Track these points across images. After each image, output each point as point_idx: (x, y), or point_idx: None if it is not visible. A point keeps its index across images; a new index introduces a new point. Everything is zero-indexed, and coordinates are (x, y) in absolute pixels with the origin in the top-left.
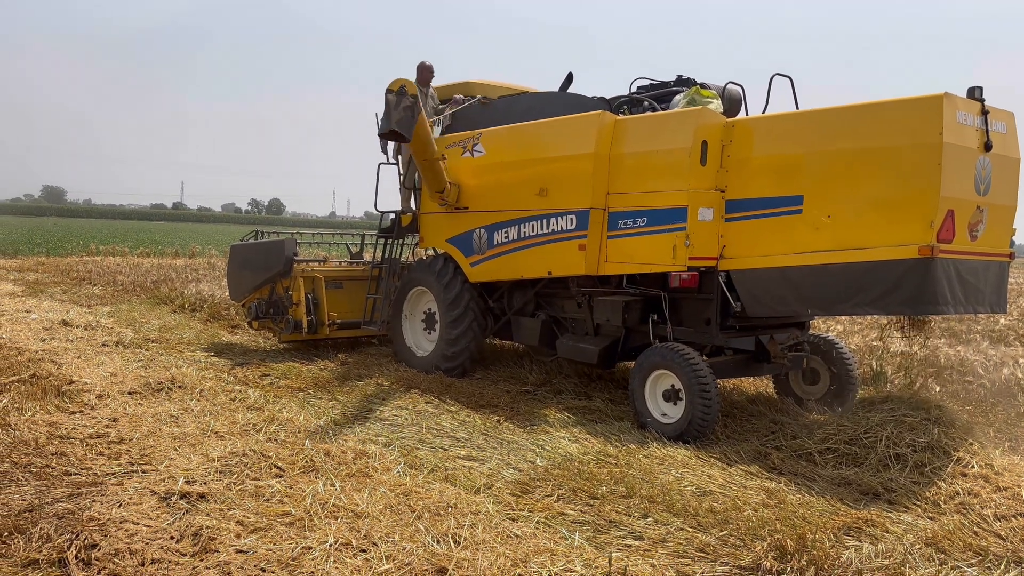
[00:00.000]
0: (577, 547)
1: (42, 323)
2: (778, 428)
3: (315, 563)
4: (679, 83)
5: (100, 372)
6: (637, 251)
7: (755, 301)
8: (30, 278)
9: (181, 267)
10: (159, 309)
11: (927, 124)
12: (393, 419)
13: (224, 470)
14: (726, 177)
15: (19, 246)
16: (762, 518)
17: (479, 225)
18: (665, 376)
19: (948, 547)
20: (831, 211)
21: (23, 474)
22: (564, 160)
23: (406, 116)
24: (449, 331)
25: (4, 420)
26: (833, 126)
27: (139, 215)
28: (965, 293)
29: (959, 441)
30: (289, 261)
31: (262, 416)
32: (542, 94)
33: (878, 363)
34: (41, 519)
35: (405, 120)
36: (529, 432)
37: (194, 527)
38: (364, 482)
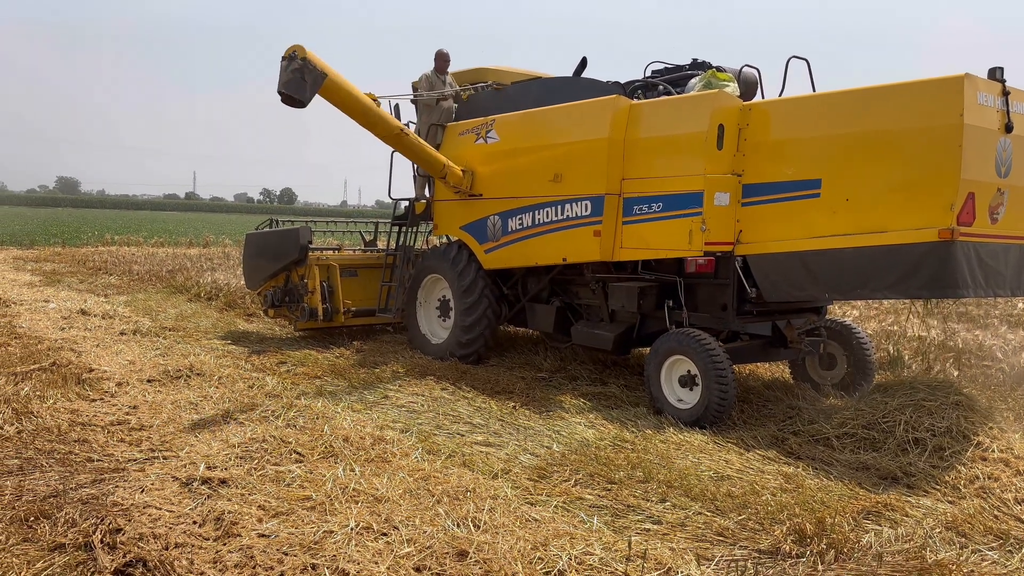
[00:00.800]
0: (596, 531)
1: (60, 312)
2: (795, 413)
3: (337, 546)
4: (694, 66)
5: (119, 360)
6: (652, 237)
7: (772, 286)
8: (47, 268)
9: (196, 256)
10: (175, 298)
11: (947, 105)
12: (410, 405)
13: (244, 456)
14: (743, 161)
15: (35, 237)
16: (780, 502)
17: (493, 212)
18: (681, 362)
19: (968, 531)
20: (849, 195)
21: (47, 460)
22: (578, 145)
23: (294, 78)
24: (464, 318)
25: (26, 408)
26: (851, 108)
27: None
28: (985, 276)
29: (978, 425)
30: (304, 249)
31: (280, 403)
32: (556, 79)
33: (895, 348)
34: (66, 504)
35: (292, 83)
36: (545, 418)
37: (216, 512)
38: (383, 467)
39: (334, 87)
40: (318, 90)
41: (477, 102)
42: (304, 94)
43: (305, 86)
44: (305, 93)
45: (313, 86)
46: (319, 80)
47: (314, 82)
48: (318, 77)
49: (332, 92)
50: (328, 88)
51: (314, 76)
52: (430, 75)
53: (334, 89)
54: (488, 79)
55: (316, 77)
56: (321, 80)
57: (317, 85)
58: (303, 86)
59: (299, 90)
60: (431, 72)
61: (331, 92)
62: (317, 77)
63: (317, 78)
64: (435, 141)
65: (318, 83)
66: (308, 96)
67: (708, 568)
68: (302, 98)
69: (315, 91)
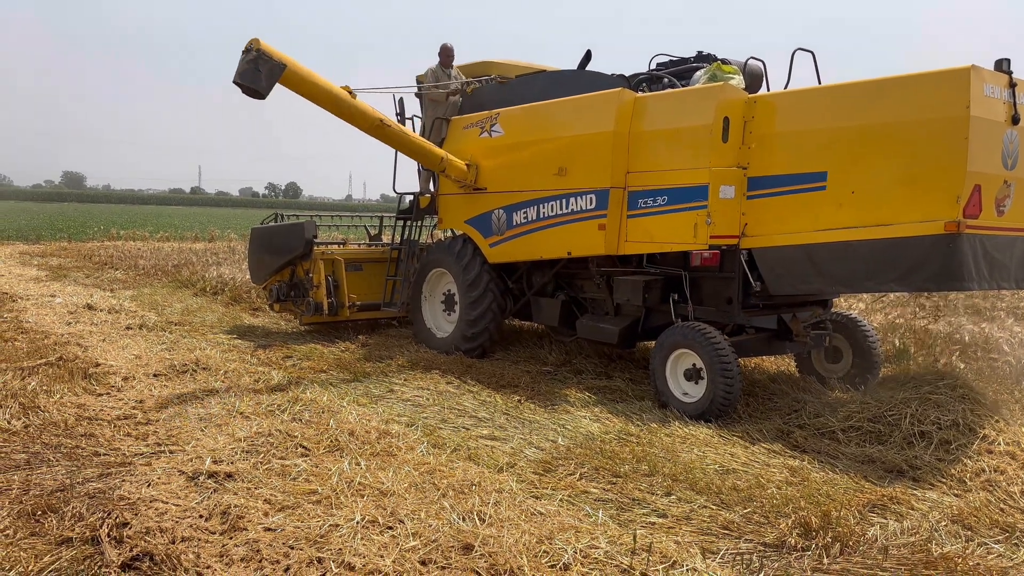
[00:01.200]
0: (601, 524)
1: (67, 307)
2: (801, 406)
3: (343, 540)
4: (699, 59)
5: (125, 355)
6: (657, 230)
7: (778, 279)
8: (53, 263)
9: (201, 251)
10: (181, 292)
11: (954, 97)
12: (415, 399)
13: (250, 450)
14: (748, 154)
15: (41, 231)
16: (786, 495)
17: (498, 206)
18: (686, 355)
19: (974, 524)
20: (855, 187)
21: (54, 455)
22: (583, 139)
23: (248, 69)
24: (469, 312)
25: (33, 402)
26: (857, 101)
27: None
28: (991, 269)
29: (985, 418)
30: (309, 243)
31: (286, 397)
32: (560, 72)
33: (901, 341)
34: (73, 498)
35: (247, 73)
36: (550, 412)
37: (223, 505)
38: (388, 461)
39: (296, 78)
40: (277, 80)
41: (481, 96)
42: (259, 83)
43: (260, 76)
44: (260, 83)
45: (270, 76)
46: (276, 70)
47: (270, 72)
48: (275, 67)
49: (295, 83)
50: (290, 79)
51: (270, 66)
52: (435, 69)
53: (297, 80)
54: (492, 72)
55: (272, 67)
56: (279, 70)
57: (274, 75)
58: (258, 76)
59: (254, 80)
60: (436, 67)
61: (294, 83)
62: (274, 67)
63: (274, 68)
64: (440, 135)
65: (275, 73)
66: (263, 85)
67: (713, 561)
68: (258, 88)
69: (272, 81)
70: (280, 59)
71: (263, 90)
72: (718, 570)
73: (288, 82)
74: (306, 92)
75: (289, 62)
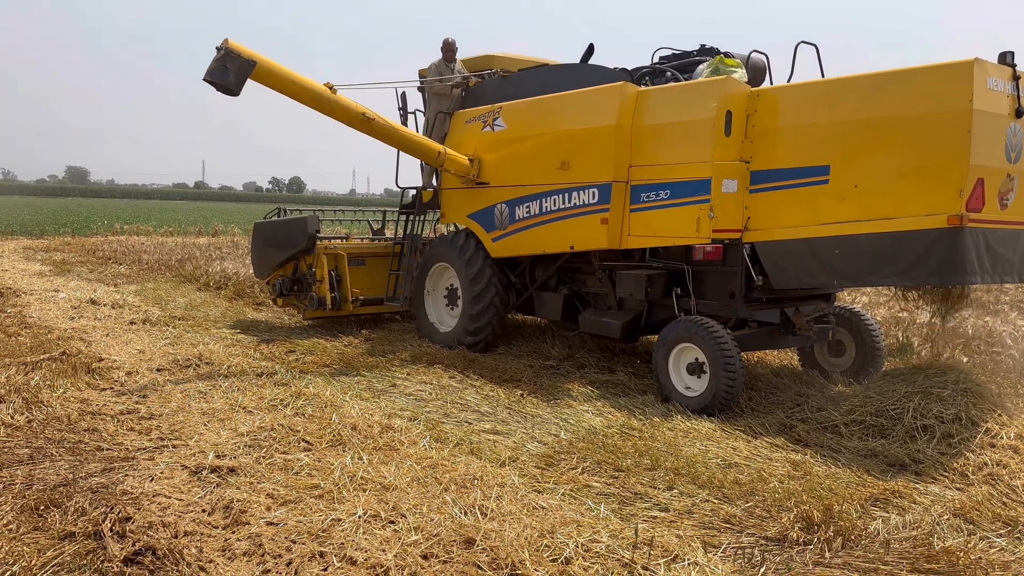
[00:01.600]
0: (603, 518)
1: (70, 302)
2: (803, 400)
3: (345, 534)
4: (702, 52)
5: (128, 350)
6: (660, 224)
7: (781, 273)
8: (57, 258)
9: (205, 245)
10: (184, 287)
11: (957, 91)
12: (418, 394)
13: (253, 444)
14: (751, 147)
15: (45, 226)
16: (788, 489)
17: (500, 200)
18: (689, 349)
19: (976, 517)
20: (858, 181)
21: (57, 449)
22: (585, 133)
23: (218, 67)
24: (471, 306)
25: (36, 397)
26: (860, 94)
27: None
28: (993, 263)
29: (987, 412)
30: (312, 238)
31: (289, 391)
32: (563, 66)
33: (904, 334)
34: (76, 493)
35: (216, 71)
36: (553, 406)
37: (225, 500)
38: (391, 455)
39: (268, 74)
40: (247, 77)
41: (484, 90)
42: (228, 80)
43: (228, 73)
44: (228, 79)
45: (239, 73)
46: (246, 67)
47: (240, 69)
48: (244, 64)
49: (269, 79)
50: (262, 75)
51: (238, 64)
52: (439, 64)
53: (270, 76)
54: (495, 66)
55: (241, 65)
56: (249, 67)
57: (244, 72)
58: (226, 73)
59: (222, 77)
60: (439, 61)
61: (267, 79)
62: (243, 65)
63: (243, 65)
64: (443, 130)
65: (245, 70)
66: (233, 82)
67: (715, 555)
68: (227, 84)
69: (243, 78)
70: (250, 56)
71: (233, 87)
72: (720, 564)
73: (261, 79)
74: (282, 88)
75: (259, 59)
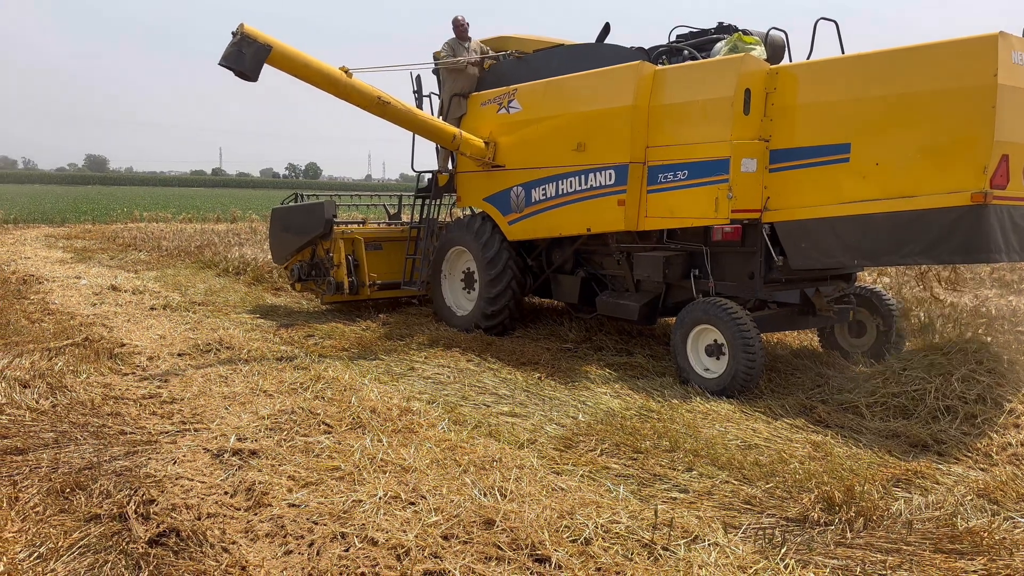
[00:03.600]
0: (622, 500)
1: (92, 288)
2: (824, 381)
3: (365, 515)
4: (720, 30)
5: (150, 335)
6: (678, 205)
7: (801, 254)
8: (78, 245)
9: (223, 232)
10: (204, 273)
11: (981, 65)
12: (436, 377)
13: (274, 427)
14: (770, 126)
15: (66, 214)
16: (809, 470)
17: (516, 183)
18: (708, 331)
19: (1001, 498)
20: (879, 159)
21: (81, 433)
22: (602, 114)
23: (233, 52)
24: (488, 290)
25: (60, 382)
26: (881, 70)
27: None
28: (1020, 241)
29: (1011, 392)
30: (329, 223)
31: (308, 375)
32: (578, 46)
33: (926, 314)
34: (100, 476)
35: (232, 56)
36: (570, 388)
37: (247, 482)
38: (410, 438)
39: (284, 59)
40: (263, 62)
41: (499, 71)
42: (244, 66)
43: (244, 58)
44: (245, 65)
45: (255, 58)
46: (262, 52)
47: (255, 54)
48: (259, 50)
49: (284, 64)
50: (278, 60)
51: (254, 49)
52: (452, 42)
53: (285, 61)
54: (510, 47)
55: (257, 50)
56: (265, 52)
57: (260, 57)
58: (242, 58)
59: (238, 62)
60: (453, 40)
61: (283, 64)
62: (258, 50)
63: (259, 50)
64: (459, 111)
65: (261, 55)
66: (249, 66)
67: (735, 536)
68: (244, 70)
69: (259, 63)
70: (266, 41)
71: (249, 72)
72: (740, 545)
73: (277, 63)
74: (298, 73)
75: (275, 43)
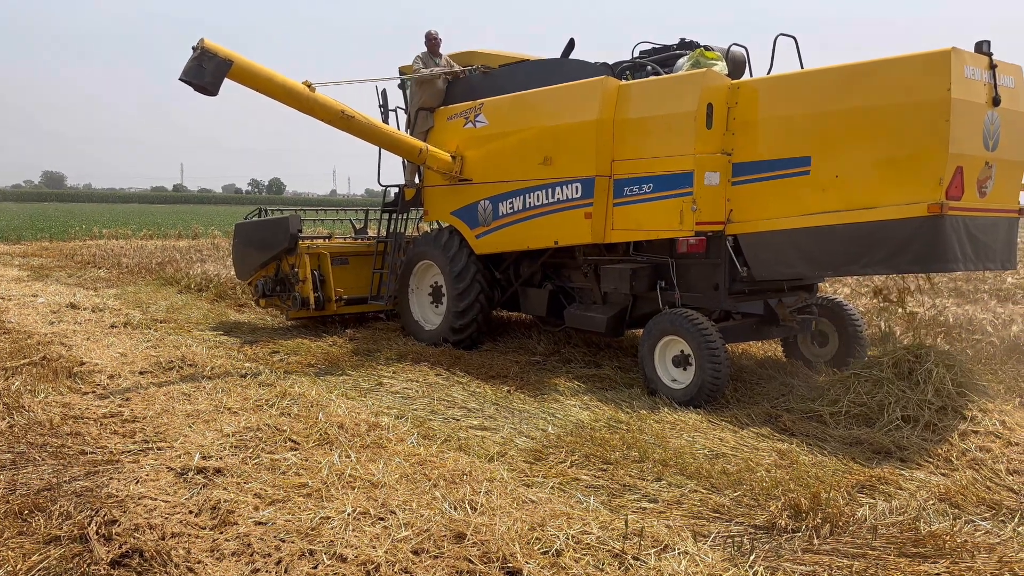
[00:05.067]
0: (593, 511)
1: (49, 307)
2: (788, 391)
3: (334, 532)
4: (682, 46)
5: (110, 353)
6: (644, 218)
7: (763, 265)
8: (35, 263)
9: (185, 248)
10: (165, 290)
11: (935, 80)
12: (404, 391)
13: (239, 445)
14: (732, 140)
15: (22, 232)
16: (775, 478)
17: (483, 196)
18: (674, 342)
19: (962, 502)
20: (839, 171)
21: (39, 454)
22: (568, 128)
23: (193, 66)
24: (456, 303)
25: (17, 402)
26: (839, 85)
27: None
28: (975, 250)
29: (969, 399)
30: (294, 238)
31: (274, 391)
32: (544, 61)
33: (887, 324)
34: (60, 497)
35: (192, 71)
36: (540, 401)
37: (212, 501)
38: (379, 453)
39: (245, 73)
40: (223, 76)
41: (465, 86)
42: (204, 80)
43: (205, 72)
44: (205, 79)
45: (216, 73)
46: (223, 67)
47: (216, 69)
48: (220, 64)
49: (246, 78)
50: (239, 74)
51: (215, 63)
52: (424, 56)
53: (247, 75)
54: (476, 62)
55: (218, 64)
56: (225, 67)
57: (221, 71)
58: (202, 73)
59: (198, 76)
60: (424, 54)
61: (244, 78)
62: (219, 64)
63: (219, 65)
64: (426, 126)
65: (222, 69)
66: (209, 82)
67: (705, 544)
68: (204, 84)
69: (219, 77)
70: (226, 56)
71: (209, 87)
72: (709, 553)
73: (238, 78)
74: (260, 87)
75: (236, 58)
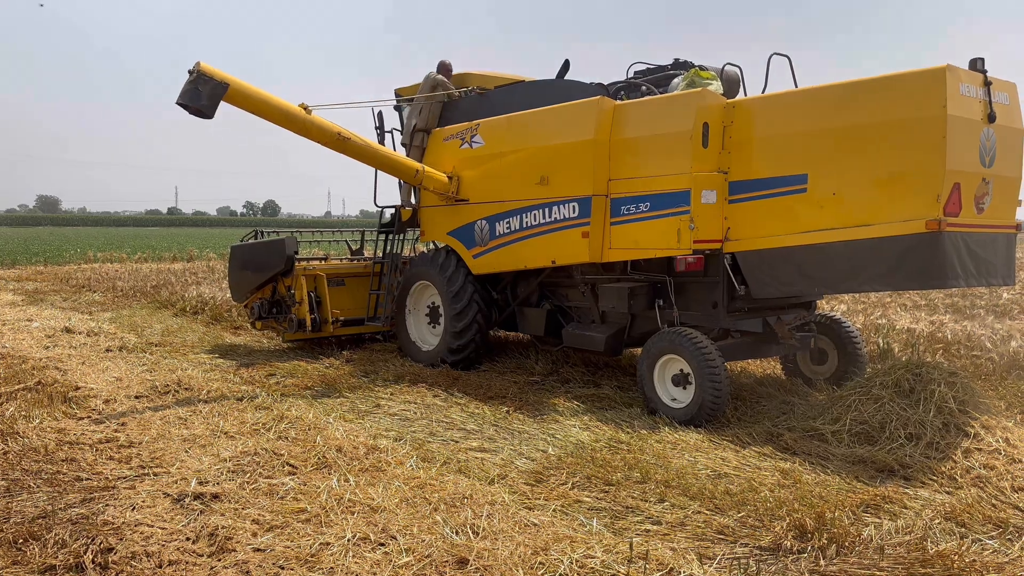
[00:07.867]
0: (596, 534)
1: (44, 331)
2: (789, 409)
3: (334, 558)
4: (676, 66)
5: (105, 377)
6: (641, 236)
7: (761, 283)
8: (29, 287)
9: (180, 271)
10: (160, 313)
11: (930, 97)
12: (402, 413)
13: (236, 470)
14: (728, 159)
15: (17, 256)
16: (779, 498)
17: (480, 217)
18: (674, 361)
19: (968, 520)
20: (835, 189)
21: (34, 481)
22: (564, 148)
23: (190, 90)
24: (454, 324)
25: (12, 428)
26: (835, 103)
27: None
28: (976, 266)
29: (972, 415)
30: (290, 260)
31: (271, 415)
32: (539, 82)
33: (884, 340)
34: (55, 525)
35: (188, 94)
36: (539, 422)
37: (210, 527)
38: (378, 476)
39: (242, 96)
40: (220, 99)
41: (461, 107)
42: (201, 103)
43: (201, 96)
44: (201, 102)
45: (212, 96)
46: (219, 90)
47: (212, 92)
48: (216, 87)
49: (242, 101)
50: (235, 97)
51: (211, 86)
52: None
53: (243, 98)
54: (471, 84)
55: (214, 87)
56: (222, 90)
57: (217, 94)
58: (199, 96)
59: (195, 99)
60: (439, 78)
61: (241, 101)
62: (215, 87)
63: (215, 88)
64: (421, 146)
65: (218, 92)
66: (206, 104)
67: (711, 567)
68: (200, 107)
69: (215, 100)
70: (222, 79)
71: (206, 110)
72: (716, 575)
73: (234, 100)
74: (256, 110)
75: (232, 81)
